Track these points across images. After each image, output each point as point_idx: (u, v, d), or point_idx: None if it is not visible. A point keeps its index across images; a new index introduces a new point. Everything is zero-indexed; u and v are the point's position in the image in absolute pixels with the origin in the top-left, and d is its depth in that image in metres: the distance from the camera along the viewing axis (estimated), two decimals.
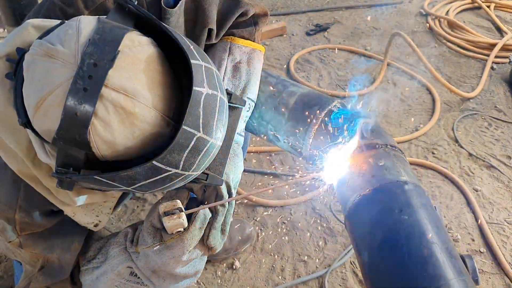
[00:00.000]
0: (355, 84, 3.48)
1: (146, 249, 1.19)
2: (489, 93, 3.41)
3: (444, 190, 2.64)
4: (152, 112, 0.88)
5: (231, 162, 1.28)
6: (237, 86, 1.35)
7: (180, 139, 0.88)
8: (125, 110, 0.85)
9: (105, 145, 0.88)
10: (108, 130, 0.86)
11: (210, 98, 0.91)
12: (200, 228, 1.17)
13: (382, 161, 1.19)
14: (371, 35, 4.12)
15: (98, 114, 0.84)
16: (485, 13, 4.34)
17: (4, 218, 1.16)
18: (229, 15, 1.32)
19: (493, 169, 2.76)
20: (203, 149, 0.93)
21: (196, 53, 0.93)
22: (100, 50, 0.83)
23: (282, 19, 4.29)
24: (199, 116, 0.89)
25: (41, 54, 0.86)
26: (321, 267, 2.23)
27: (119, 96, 0.85)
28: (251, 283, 2.17)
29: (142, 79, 0.87)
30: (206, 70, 0.92)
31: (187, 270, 1.23)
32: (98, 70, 0.82)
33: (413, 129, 3.09)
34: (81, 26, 0.87)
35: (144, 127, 0.89)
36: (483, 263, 2.25)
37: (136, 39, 0.90)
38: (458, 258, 1.03)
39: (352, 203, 1.17)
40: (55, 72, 0.84)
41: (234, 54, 1.35)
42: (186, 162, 0.92)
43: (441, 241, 1.03)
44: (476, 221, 2.45)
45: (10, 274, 2.16)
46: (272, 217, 2.46)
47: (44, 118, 0.87)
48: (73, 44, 0.84)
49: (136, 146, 0.91)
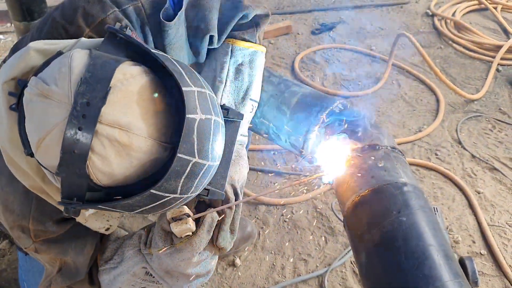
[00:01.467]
0: (359, 84, 3.49)
1: (157, 252, 1.23)
2: (493, 95, 3.40)
3: (446, 191, 2.64)
4: (148, 142, 0.91)
5: (235, 165, 1.30)
6: (240, 88, 1.36)
7: (176, 167, 0.91)
8: (121, 143, 0.89)
9: (104, 176, 0.92)
10: (106, 163, 0.90)
11: (203, 123, 0.93)
12: (208, 231, 1.21)
13: (382, 162, 1.20)
14: (377, 35, 4.12)
15: (94, 149, 0.88)
16: (491, 15, 4.32)
17: (19, 227, 1.21)
18: (230, 20, 1.32)
19: (496, 172, 2.76)
20: (199, 172, 0.96)
21: (188, 78, 0.94)
22: (92, 88, 0.86)
23: (288, 18, 4.29)
24: (193, 143, 0.91)
25: (37, 94, 0.89)
26: (321, 266, 2.24)
27: (114, 131, 0.88)
28: (251, 281, 2.19)
29: (136, 111, 0.90)
30: (199, 94, 0.94)
31: (199, 270, 1.27)
32: (91, 109, 0.85)
33: (416, 130, 3.09)
34: (73, 64, 0.90)
35: (141, 157, 0.92)
36: (483, 265, 2.25)
37: (128, 71, 0.92)
38: (454, 260, 1.03)
39: (351, 203, 1.18)
40: (51, 112, 0.88)
41: (236, 56, 1.36)
42: (184, 187, 0.95)
43: (438, 243, 1.03)
44: (477, 223, 2.45)
45: (14, 267, 2.19)
46: (274, 215, 2.47)
47: (45, 155, 0.91)
48: (66, 84, 0.87)
49: (135, 173, 0.94)
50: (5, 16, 4.00)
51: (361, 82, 3.52)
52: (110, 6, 1.18)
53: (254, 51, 1.39)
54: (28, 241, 1.23)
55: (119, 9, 1.18)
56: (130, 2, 1.20)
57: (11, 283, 2.14)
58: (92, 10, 1.17)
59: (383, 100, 3.36)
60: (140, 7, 1.20)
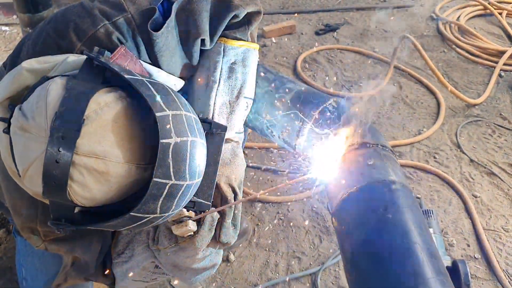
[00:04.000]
0: (360, 86, 3.49)
1: (163, 249, 1.29)
2: (495, 100, 3.39)
3: (443, 194, 2.64)
4: (125, 166, 0.96)
5: (231, 164, 1.32)
6: (234, 87, 1.37)
7: (152, 190, 0.95)
8: (98, 171, 0.94)
9: (86, 200, 0.97)
10: (86, 190, 0.95)
11: (179, 146, 0.96)
12: (210, 230, 1.25)
13: (372, 160, 1.21)
14: (380, 37, 4.11)
15: (74, 178, 0.93)
16: (496, 20, 4.31)
17: (28, 228, 1.28)
18: (221, 22, 1.32)
19: (494, 176, 2.76)
20: (178, 193, 0.99)
21: (162, 103, 0.96)
22: (66, 122, 0.91)
23: (292, 18, 4.30)
24: (169, 166, 0.95)
25: (19, 127, 0.96)
26: (315, 265, 2.25)
27: (90, 160, 0.93)
28: (245, 277, 2.20)
29: (111, 138, 0.94)
30: (174, 118, 0.97)
31: (205, 264, 1.34)
32: (66, 142, 0.90)
33: (416, 132, 3.09)
34: (49, 98, 0.94)
35: (120, 181, 0.97)
36: (477, 268, 2.26)
37: (102, 100, 0.95)
38: (439, 259, 1.04)
39: (339, 200, 1.19)
40: (31, 146, 0.94)
41: (229, 55, 1.36)
42: (163, 207, 0.99)
43: (423, 241, 1.04)
44: (473, 227, 2.45)
45: (10, 255, 2.21)
46: (269, 212, 2.48)
47: (30, 183, 0.98)
48: (43, 119, 0.93)
49: (117, 195, 0.99)
50: (10, 8, 4.03)
51: (363, 84, 3.52)
52: (100, 19, 1.21)
53: (247, 49, 1.39)
54: (38, 241, 1.30)
55: (109, 21, 1.21)
56: (120, 13, 1.22)
57: (6, 271, 2.16)
58: (83, 24, 1.20)
59: (384, 102, 3.36)
60: (130, 18, 1.23)
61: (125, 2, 1.24)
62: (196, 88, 1.37)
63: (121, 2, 1.24)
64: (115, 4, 1.24)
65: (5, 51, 3.76)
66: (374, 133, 1.32)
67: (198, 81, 1.38)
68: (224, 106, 1.34)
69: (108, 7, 1.23)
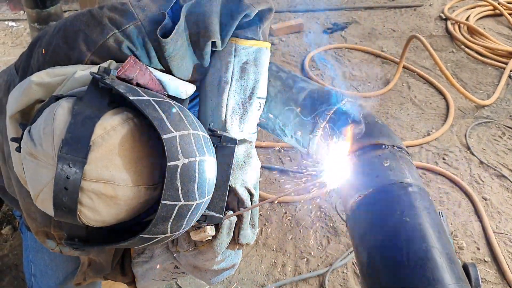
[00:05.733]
0: (369, 85, 3.46)
1: (183, 252, 1.30)
2: (504, 102, 3.36)
3: (453, 196, 2.61)
4: (134, 189, 0.96)
5: (246, 166, 1.31)
6: (246, 87, 1.34)
7: (161, 213, 0.94)
8: (107, 196, 0.95)
9: (97, 222, 0.99)
10: (96, 213, 0.96)
11: (187, 167, 0.95)
12: (228, 233, 1.25)
13: (388, 161, 1.18)
14: (389, 36, 4.08)
15: (83, 203, 0.94)
16: (506, 21, 4.27)
17: (43, 232, 1.29)
18: (232, 23, 1.29)
19: (504, 179, 2.73)
20: (187, 213, 0.99)
21: (169, 123, 0.96)
22: (73, 149, 0.92)
23: (300, 16, 4.27)
24: (177, 188, 0.94)
25: (28, 153, 0.97)
26: (323, 266, 2.23)
27: (99, 185, 0.94)
28: (252, 277, 2.18)
29: (118, 163, 0.95)
30: (181, 138, 0.96)
31: (224, 265, 1.33)
32: (73, 170, 0.91)
33: (425, 133, 3.06)
34: (56, 123, 0.95)
35: (130, 203, 0.97)
36: (487, 272, 2.23)
37: (108, 124, 0.95)
38: (458, 264, 1.01)
39: (355, 202, 1.16)
40: (40, 172, 0.96)
41: (240, 55, 1.33)
42: (173, 227, 0.99)
43: (441, 245, 1.01)
44: (483, 230, 2.42)
45: (15, 253, 2.20)
46: (277, 212, 2.46)
47: (42, 206, 1.00)
48: (50, 146, 0.94)
49: (128, 215, 1.00)
50: (17, 3, 4.02)
51: (371, 83, 3.50)
52: (109, 28, 1.20)
53: (258, 48, 1.36)
54: (53, 244, 1.30)
55: (118, 30, 1.19)
56: (130, 21, 1.21)
57: (11, 268, 2.15)
58: (92, 34, 1.19)
59: (393, 102, 3.33)
60: (140, 26, 1.21)
61: (134, 9, 1.23)
62: (208, 90, 1.35)
63: (130, 10, 1.23)
64: (124, 12, 1.22)
65: (12, 46, 3.75)
66: (389, 134, 1.29)
67: (209, 82, 1.35)
68: (237, 107, 1.31)
69: (117, 15, 1.22)
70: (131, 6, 1.24)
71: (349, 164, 1.22)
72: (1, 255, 2.20)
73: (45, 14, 2.84)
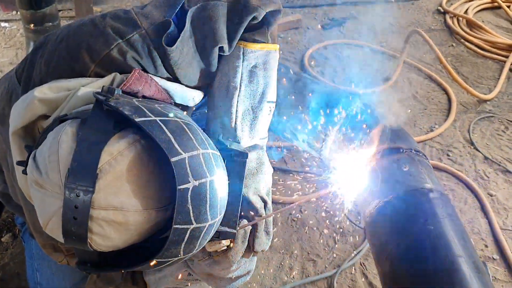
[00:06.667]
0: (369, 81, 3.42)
1: (197, 261, 1.28)
2: (506, 96, 3.34)
3: (458, 193, 2.59)
4: (144, 213, 0.95)
5: (258, 174, 1.29)
6: (256, 92, 1.30)
7: (174, 237, 0.93)
8: (117, 222, 0.93)
9: (108, 248, 0.98)
10: (107, 240, 0.95)
11: (197, 189, 0.94)
12: (243, 242, 1.23)
13: (407, 166, 1.15)
14: (387, 31, 4.04)
15: (93, 231, 0.93)
16: (504, 13, 4.25)
17: (50, 245, 1.31)
18: (239, 26, 1.25)
19: (509, 174, 2.71)
20: (200, 235, 0.98)
21: (177, 145, 0.93)
22: (80, 178, 0.90)
23: (297, 12, 4.22)
24: (188, 212, 0.92)
25: (34, 182, 0.96)
26: (330, 267, 2.20)
27: (108, 213, 0.92)
28: (259, 281, 2.14)
29: (127, 189, 0.93)
30: (191, 161, 0.94)
31: (239, 273, 1.32)
32: (82, 199, 0.89)
33: (428, 129, 3.03)
34: (61, 151, 0.93)
35: (140, 227, 0.96)
36: (496, 270, 2.21)
37: (115, 149, 0.93)
38: (484, 273, 0.98)
39: (374, 208, 1.13)
40: (48, 201, 0.95)
41: (249, 59, 1.29)
42: (186, 249, 0.98)
43: (467, 254, 0.99)
44: (490, 227, 2.40)
45: (17, 261, 2.15)
46: (282, 214, 2.43)
47: (52, 234, 0.99)
48: (56, 175, 0.92)
49: (140, 238, 1.00)
50: (10, 4, 3.94)
51: (371, 79, 3.46)
52: (113, 38, 1.16)
53: (267, 51, 1.31)
54: (60, 256, 1.32)
55: (122, 39, 1.16)
56: (134, 30, 1.18)
57: (13, 277, 2.09)
58: (96, 44, 1.16)
59: (394, 98, 3.30)
60: (145, 34, 1.18)
61: (138, 17, 1.20)
62: (216, 95, 1.31)
63: (134, 18, 1.19)
64: (128, 21, 1.19)
65: (6, 47, 3.67)
66: (406, 137, 1.26)
67: (217, 87, 1.31)
68: (246, 112, 1.28)
69: (120, 24, 1.19)
70: (135, 14, 1.20)
71: (367, 169, 1.19)
72: (2, 263, 2.15)
73: (40, 14, 2.78)
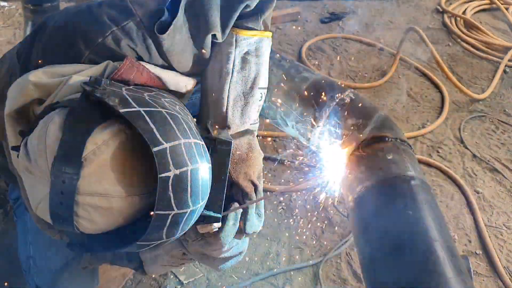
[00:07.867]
0: (365, 76, 3.46)
1: (190, 241, 1.31)
2: (499, 96, 3.38)
3: (446, 189, 2.63)
4: (128, 199, 1.00)
5: (248, 159, 1.31)
6: (247, 78, 1.33)
7: (155, 222, 0.97)
8: (103, 208, 0.98)
9: (96, 231, 1.03)
10: (93, 223, 1.00)
11: (178, 177, 0.97)
12: (234, 224, 1.27)
13: (391, 154, 1.19)
14: (385, 28, 4.07)
15: (79, 215, 0.98)
16: (502, 15, 4.28)
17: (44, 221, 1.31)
18: (232, 13, 1.27)
19: (496, 173, 2.75)
20: (182, 220, 1.01)
21: (159, 135, 0.96)
22: (65, 165, 0.95)
23: (296, 4, 4.23)
24: (169, 199, 0.96)
25: (24, 168, 1.02)
26: (316, 256, 2.24)
27: (93, 198, 0.97)
28: (246, 266, 2.18)
29: (111, 176, 0.97)
30: (172, 150, 0.97)
31: (232, 253, 1.36)
32: (67, 186, 0.94)
33: (420, 126, 3.07)
34: (48, 140, 0.97)
35: (126, 211, 1.01)
36: (478, 265, 2.26)
37: (100, 139, 0.97)
38: (458, 257, 1.02)
39: (357, 194, 1.16)
40: (36, 187, 1.01)
41: (241, 46, 1.32)
42: (169, 233, 1.02)
43: (443, 239, 1.02)
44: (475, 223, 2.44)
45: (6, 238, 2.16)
46: (272, 202, 2.46)
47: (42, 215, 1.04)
48: (43, 162, 0.97)
49: (125, 222, 1.04)
50: None
51: (367, 74, 3.49)
52: (108, 25, 1.19)
53: (260, 38, 1.34)
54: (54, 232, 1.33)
55: (117, 27, 1.19)
56: (128, 17, 1.20)
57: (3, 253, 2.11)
58: (91, 32, 1.19)
59: (388, 93, 3.33)
60: (139, 22, 1.20)
61: (133, 6, 1.22)
62: (208, 81, 1.34)
63: (129, 6, 1.22)
64: (123, 8, 1.22)
65: (4, 27, 3.67)
66: (392, 127, 1.29)
67: (210, 74, 1.34)
68: (238, 98, 1.31)
69: (116, 11, 1.21)
70: (130, 2, 1.23)
71: (351, 156, 1.22)
72: None
73: None
